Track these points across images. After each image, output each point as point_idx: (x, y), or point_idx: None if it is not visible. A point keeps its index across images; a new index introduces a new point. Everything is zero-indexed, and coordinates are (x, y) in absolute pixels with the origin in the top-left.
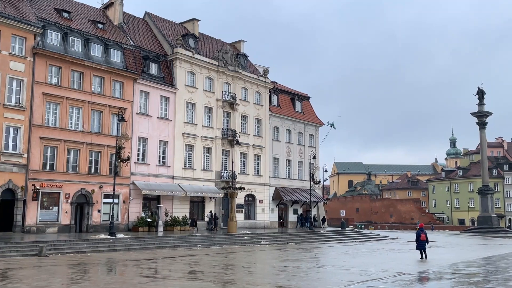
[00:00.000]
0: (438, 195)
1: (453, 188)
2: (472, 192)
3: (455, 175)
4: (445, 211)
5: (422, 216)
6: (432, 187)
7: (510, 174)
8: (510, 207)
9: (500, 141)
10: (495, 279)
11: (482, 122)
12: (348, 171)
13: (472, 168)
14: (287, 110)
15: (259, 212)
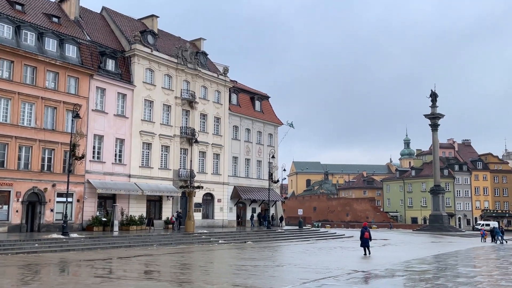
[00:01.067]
0: (392, 194)
1: (406, 188)
2: (424, 192)
3: (408, 175)
4: (399, 210)
5: (377, 215)
6: (387, 186)
7: (460, 174)
8: (460, 206)
9: (451, 142)
10: (445, 275)
11: (435, 124)
12: (306, 171)
13: (424, 168)
14: (246, 109)
15: (218, 211)
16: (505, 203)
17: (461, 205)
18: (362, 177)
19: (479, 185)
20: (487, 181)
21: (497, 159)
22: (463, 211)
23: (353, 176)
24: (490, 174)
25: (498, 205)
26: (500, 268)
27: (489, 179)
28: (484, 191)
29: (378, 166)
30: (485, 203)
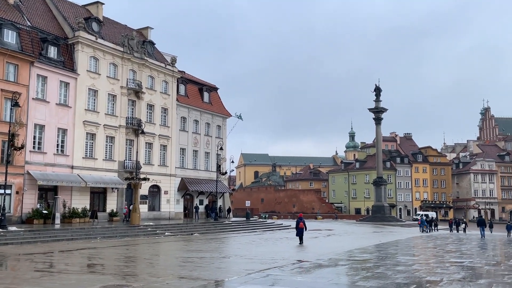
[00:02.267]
0: (337, 186)
1: (351, 180)
2: (368, 183)
3: (353, 167)
4: (343, 201)
5: (323, 206)
6: (332, 178)
7: (401, 166)
8: (401, 197)
9: (394, 135)
10: (385, 264)
11: (378, 118)
12: (255, 163)
13: (368, 161)
14: (195, 100)
15: (164, 203)
16: (443, 194)
17: (402, 196)
18: (309, 169)
19: (419, 177)
20: (427, 173)
21: (436, 152)
22: (403, 202)
23: (300, 168)
24: (430, 167)
25: (436, 196)
26: (436, 257)
27: (429, 171)
28: (423, 182)
29: (324, 158)
30: (424, 194)
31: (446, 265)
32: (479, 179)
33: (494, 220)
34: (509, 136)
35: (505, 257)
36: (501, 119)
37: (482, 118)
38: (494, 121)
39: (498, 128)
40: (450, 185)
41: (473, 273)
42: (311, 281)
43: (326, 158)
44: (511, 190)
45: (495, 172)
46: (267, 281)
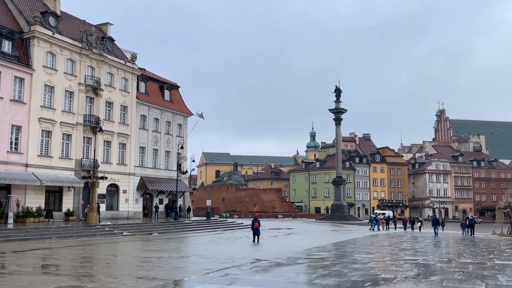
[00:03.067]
0: (298, 185)
1: (311, 179)
2: (327, 183)
3: (313, 167)
4: (304, 200)
5: (283, 205)
6: (293, 177)
7: (360, 166)
8: (360, 196)
9: (353, 136)
10: (341, 262)
11: (338, 118)
12: (216, 162)
13: (328, 160)
14: (155, 98)
15: (123, 202)
16: (399, 194)
17: (360, 195)
18: (270, 169)
19: (377, 177)
20: (384, 173)
21: (393, 153)
22: (362, 201)
23: (262, 167)
24: (387, 167)
25: (393, 195)
26: (391, 254)
27: (386, 171)
28: (381, 182)
29: (286, 158)
30: (382, 193)
31: (401, 263)
32: (434, 179)
33: (448, 218)
34: (463, 138)
35: (457, 255)
36: (455, 121)
37: (438, 120)
38: (448, 123)
39: (453, 130)
40: (407, 185)
41: (426, 270)
42: (269, 280)
43: (287, 158)
44: (464, 189)
45: (449, 172)
46: (226, 280)
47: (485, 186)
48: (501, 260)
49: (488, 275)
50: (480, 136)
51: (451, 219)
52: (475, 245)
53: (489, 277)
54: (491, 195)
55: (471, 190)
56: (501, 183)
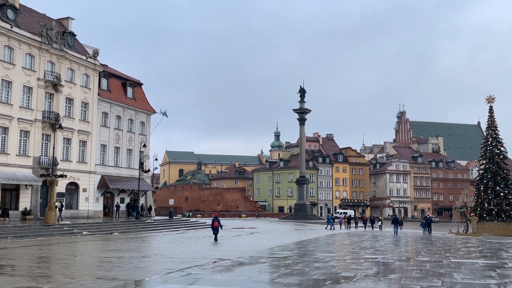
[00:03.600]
0: (262, 184)
1: (275, 178)
2: (291, 182)
3: (277, 166)
4: (267, 199)
5: (247, 205)
6: (257, 177)
7: (323, 166)
8: (322, 196)
9: (317, 136)
10: (303, 261)
11: (302, 118)
12: (180, 160)
13: (292, 160)
14: (117, 95)
15: (83, 201)
16: (361, 193)
17: (323, 195)
18: (235, 168)
19: (340, 177)
20: (346, 173)
21: (355, 153)
22: (324, 200)
23: (226, 166)
24: (349, 167)
25: (355, 195)
26: (352, 253)
27: (348, 171)
28: (343, 182)
29: (250, 157)
30: (344, 193)
31: (361, 261)
32: (394, 179)
33: (407, 218)
34: (422, 139)
35: (415, 253)
36: (415, 122)
37: (398, 122)
38: (409, 124)
39: (412, 131)
40: (368, 185)
41: (385, 269)
42: (231, 279)
43: (251, 157)
44: (423, 189)
45: (409, 172)
46: (187, 280)
47: (443, 186)
48: (456, 258)
49: (444, 273)
50: (438, 137)
51: (410, 218)
52: (433, 244)
53: (445, 275)
54: (449, 195)
55: (429, 190)
56: (458, 184)
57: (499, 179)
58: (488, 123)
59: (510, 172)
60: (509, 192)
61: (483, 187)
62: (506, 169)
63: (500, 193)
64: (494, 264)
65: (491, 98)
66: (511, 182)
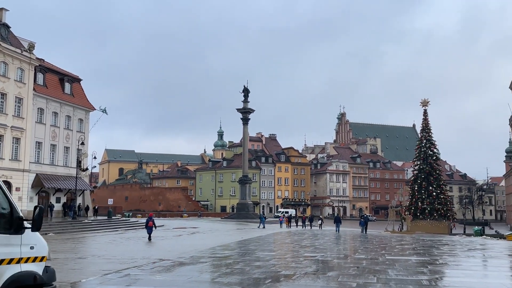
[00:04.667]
0: (204, 184)
1: (218, 178)
2: (234, 182)
3: (220, 166)
4: (210, 199)
5: (189, 204)
6: (200, 176)
7: (266, 166)
8: (265, 195)
9: (260, 136)
10: (244, 260)
11: (246, 118)
12: (120, 159)
13: (235, 160)
14: (54, 91)
15: (16, 200)
16: (302, 193)
17: (265, 194)
18: (177, 167)
19: (282, 176)
20: (288, 173)
21: (297, 153)
22: (267, 200)
23: (168, 165)
24: (291, 166)
25: (296, 194)
26: (292, 252)
27: (290, 170)
28: (285, 181)
29: (193, 156)
30: (286, 192)
31: (301, 260)
32: (334, 178)
33: (346, 217)
34: (361, 140)
35: (353, 251)
36: (354, 124)
37: (339, 123)
38: (348, 125)
39: (352, 132)
40: (309, 184)
41: (324, 266)
42: (170, 280)
43: (194, 156)
44: (361, 189)
45: (348, 172)
46: (125, 281)
47: (380, 186)
48: (391, 255)
49: (379, 270)
50: (376, 139)
51: (349, 217)
52: (369, 242)
53: (380, 271)
54: (385, 194)
55: (367, 190)
56: (394, 183)
57: (432, 179)
58: (423, 126)
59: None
60: (441, 192)
61: (417, 187)
62: (439, 169)
63: (433, 192)
64: (426, 261)
65: (426, 102)
66: (443, 182)
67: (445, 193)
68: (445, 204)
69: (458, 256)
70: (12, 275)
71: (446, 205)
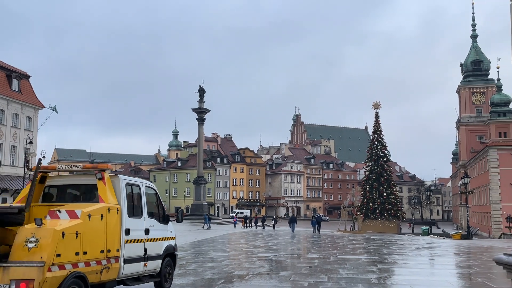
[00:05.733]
0: (158, 184)
1: (172, 178)
2: (189, 182)
3: (175, 166)
4: (164, 199)
5: None
6: (154, 176)
7: (221, 166)
8: (220, 196)
9: (215, 136)
10: (197, 261)
11: (201, 118)
12: (71, 159)
13: (190, 160)
14: (1, 87)
15: None
16: (257, 193)
17: (220, 195)
18: (130, 167)
19: (237, 177)
20: (244, 173)
21: (253, 154)
22: (222, 200)
23: (121, 165)
24: (247, 167)
25: (251, 195)
26: (246, 252)
27: (245, 171)
28: (240, 182)
29: (147, 157)
30: (241, 193)
31: (254, 260)
32: (289, 179)
33: (300, 217)
34: (315, 141)
35: (306, 251)
36: (309, 125)
37: (294, 124)
38: (303, 127)
39: (307, 134)
40: (264, 185)
41: (277, 266)
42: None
43: (148, 156)
44: (315, 189)
45: (302, 173)
46: None
47: (333, 186)
48: (343, 254)
49: (331, 269)
50: (330, 140)
51: (303, 217)
52: (322, 242)
53: (332, 270)
54: (338, 194)
55: (320, 190)
56: (346, 184)
57: (382, 180)
58: (374, 128)
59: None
60: (391, 192)
61: (368, 187)
62: (389, 170)
63: (384, 193)
64: (376, 260)
65: (377, 105)
66: (393, 183)
67: (395, 193)
68: (395, 204)
69: (406, 254)
70: (166, 246)
71: (396, 205)
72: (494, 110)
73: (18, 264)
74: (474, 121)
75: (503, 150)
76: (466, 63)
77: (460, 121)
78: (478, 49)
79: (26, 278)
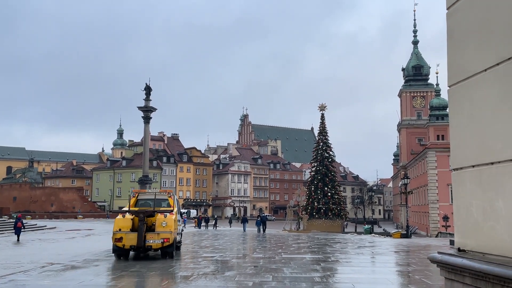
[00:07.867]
0: (102, 184)
1: (116, 178)
2: (133, 182)
3: (119, 165)
4: (107, 199)
5: (85, 205)
6: (97, 176)
7: (167, 165)
8: None
9: (162, 135)
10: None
11: (147, 117)
12: (8, 157)
13: (135, 159)
14: None
15: None
16: (204, 193)
17: None
18: (72, 166)
19: (184, 176)
20: (190, 173)
21: (200, 153)
22: None
23: (62, 164)
24: (193, 167)
25: (198, 195)
26: (192, 252)
27: (192, 171)
28: (187, 181)
29: (90, 155)
30: (187, 192)
31: (199, 260)
32: (236, 179)
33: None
34: (262, 142)
35: (251, 250)
36: (256, 125)
37: (242, 124)
38: (251, 127)
39: (254, 134)
40: (211, 185)
41: (222, 266)
42: (60, 285)
43: (91, 155)
44: (262, 189)
45: (249, 173)
46: (8, 287)
47: (280, 186)
48: (287, 254)
49: (276, 268)
50: (277, 141)
51: (249, 217)
52: (268, 241)
53: (276, 270)
54: (284, 194)
55: (267, 190)
56: (292, 184)
57: (327, 180)
58: (320, 129)
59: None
60: (335, 192)
61: (313, 187)
62: (334, 171)
63: (328, 193)
64: (319, 258)
65: (323, 106)
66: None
67: (339, 193)
68: (339, 204)
69: (349, 253)
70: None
71: (339, 205)
72: (433, 114)
73: (163, 232)
74: (415, 124)
75: (441, 152)
76: (407, 68)
77: (401, 124)
78: (419, 54)
79: (166, 237)
